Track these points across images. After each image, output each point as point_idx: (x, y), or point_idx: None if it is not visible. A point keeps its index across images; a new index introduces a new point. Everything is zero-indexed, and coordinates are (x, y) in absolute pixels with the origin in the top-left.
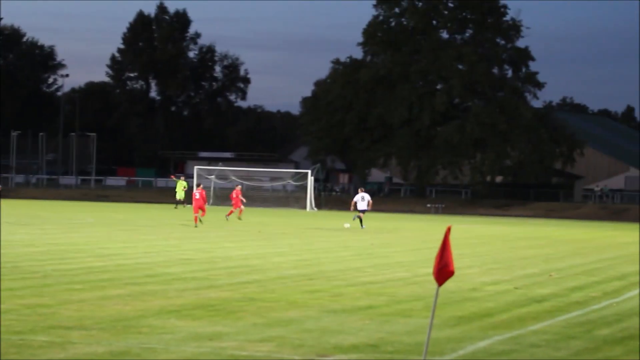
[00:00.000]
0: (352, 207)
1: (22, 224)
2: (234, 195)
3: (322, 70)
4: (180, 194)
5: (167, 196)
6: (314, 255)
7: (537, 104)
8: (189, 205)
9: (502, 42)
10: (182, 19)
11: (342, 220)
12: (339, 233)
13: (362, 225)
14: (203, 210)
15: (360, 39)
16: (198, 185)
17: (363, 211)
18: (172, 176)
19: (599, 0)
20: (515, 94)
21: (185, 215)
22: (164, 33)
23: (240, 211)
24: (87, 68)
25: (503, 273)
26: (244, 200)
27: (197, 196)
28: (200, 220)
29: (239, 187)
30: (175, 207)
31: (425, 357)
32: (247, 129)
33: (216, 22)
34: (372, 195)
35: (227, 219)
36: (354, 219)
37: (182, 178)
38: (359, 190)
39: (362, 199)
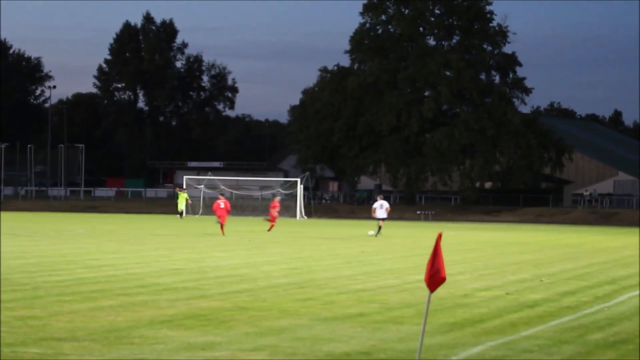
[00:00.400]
0: (372, 214)
1: (11, 235)
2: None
3: (310, 79)
4: (181, 206)
5: (156, 206)
6: (304, 264)
7: (525, 109)
8: (187, 216)
9: (489, 48)
10: (168, 29)
11: (332, 229)
12: (329, 241)
13: (377, 233)
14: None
15: (348, 47)
16: (222, 195)
17: (383, 219)
18: (177, 188)
19: (585, 4)
20: (503, 99)
21: (181, 226)
22: (151, 43)
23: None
24: (74, 79)
25: (494, 279)
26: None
27: (222, 205)
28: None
29: (278, 198)
30: (180, 217)
31: None
32: (236, 138)
33: (203, 31)
34: (361, 203)
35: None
36: (376, 234)
37: (185, 190)
38: (378, 197)
39: (381, 207)
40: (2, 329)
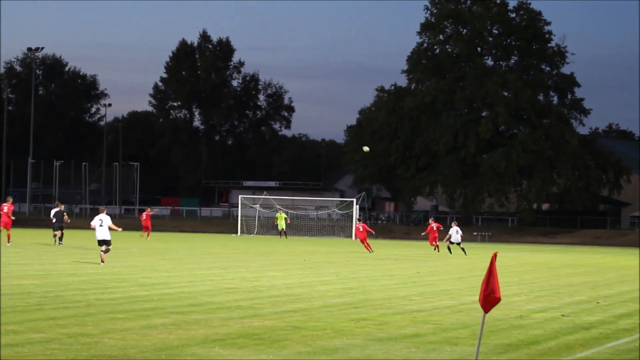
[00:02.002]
0: (446, 240)
1: (64, 253)
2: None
3: (367, 98)
4: (281, 225)
5: (211, 225)
6: (359, 284)
7: (583, 130)
8: (243, 235)
9: (547, 68)
10: (225, 48)
11: (388, 249)
12: (384, 261)
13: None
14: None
15: (405, 67)
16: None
17: (458, 243)
18: (281, 210)
19: None
20: (561, 120)
21: (236, 245)
22: (207, 62)
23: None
24: (130, 97)
25: (550, 300)
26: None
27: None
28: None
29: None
30: (280, 237)
31: None
32: (292, 157)
33: (259, 50)
34: (417, 224)
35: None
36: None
37: (281, 210)
38: (453, 223)
39: (457, 232)
40: (54, 346)
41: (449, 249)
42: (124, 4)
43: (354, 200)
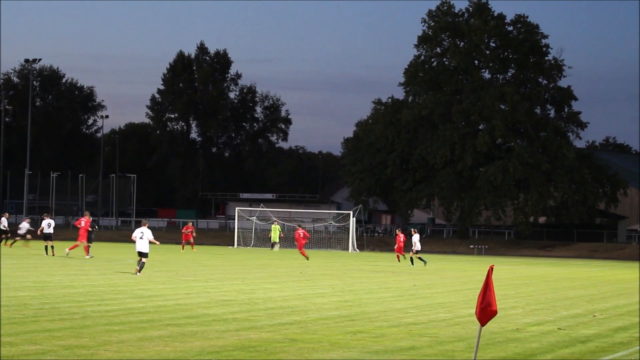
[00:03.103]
0: (414, 251)
1: (61, 264)
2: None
3: (364, 111)
4: (275, 237)
5: (208, 237)
6: (355, 297)
7: (580, 143)
8: (239, 248)
9: (545, 81)
10: (222, 60)
11: (384, 262)
12: (381, 274)
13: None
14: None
15: (402, 79)
16: (299, 226)
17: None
18: (276, 221)
19: None
20: (558, 134)
21: (232, 257)
22: (205, 74)
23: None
24: (127, 109)
25: (547, 314)
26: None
27: (302, 235)
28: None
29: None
30: (272, 249)
31: None
32: (289, 170)
33: (257, 62)
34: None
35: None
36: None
37: (276, 222)
38: (413, 230)
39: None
40: (50, 357)
41: (411, 259)
42: (121, 16)
43: (351, 212)
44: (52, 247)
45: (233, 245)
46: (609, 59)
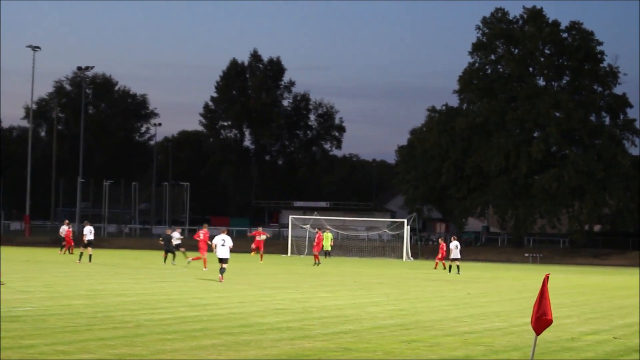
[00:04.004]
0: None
1: (114, 273)
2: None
3: (418, 118)
4: (327, 245)
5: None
6: (410, 305)
7: (635, 151)
8: (293, 256)
9: (600, 89)
10: (276, 67)
11: (439, 270)
12: (435, 283)
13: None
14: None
15: (456, 87)
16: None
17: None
18: (328, 229)
19: None
20: (613, 141)
21: (285, 266)
22: (258, 81)
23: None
24: (180, 117)
25: (602, 323)
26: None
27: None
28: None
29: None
30: (326, 257)
31: None
32: (343, 178)
33: (310, 70)
34: (468, 245)
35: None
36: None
37: (328, 231)
38: (452, 238)
39: (456, 247)
40: None
41: (448, 266)
42: (174, 23)
43: (405, 221)
44: (90, 255)
45: (287, 253)
46: None
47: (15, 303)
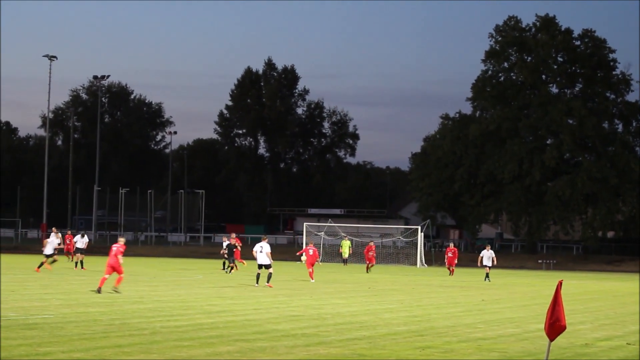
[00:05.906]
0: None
1: (131, 280)
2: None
3: (432, 126)
4: (345, 252)
5: (276, 253)
6: (424, 312)
7: None
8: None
9: (612, 96)
10: (290, 75)
11: (453, 277)
12: (449, 289)
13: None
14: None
15: (470, 94)
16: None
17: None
18: (347, 237)
19: None
20: (626, 148)
21: (299, 273)
22: (272, 89)
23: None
24: (195, 125)
25: (615, 329)
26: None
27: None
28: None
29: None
30: (344, 265)
31: None
32: (357, 185)
33: (324, 78)
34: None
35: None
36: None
37: (347, 238)
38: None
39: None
40: None
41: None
42: (189, 32)
43: (419, 227)
44: (82, 262)
45: (301, 260)
46: None
47: (32, 311)
